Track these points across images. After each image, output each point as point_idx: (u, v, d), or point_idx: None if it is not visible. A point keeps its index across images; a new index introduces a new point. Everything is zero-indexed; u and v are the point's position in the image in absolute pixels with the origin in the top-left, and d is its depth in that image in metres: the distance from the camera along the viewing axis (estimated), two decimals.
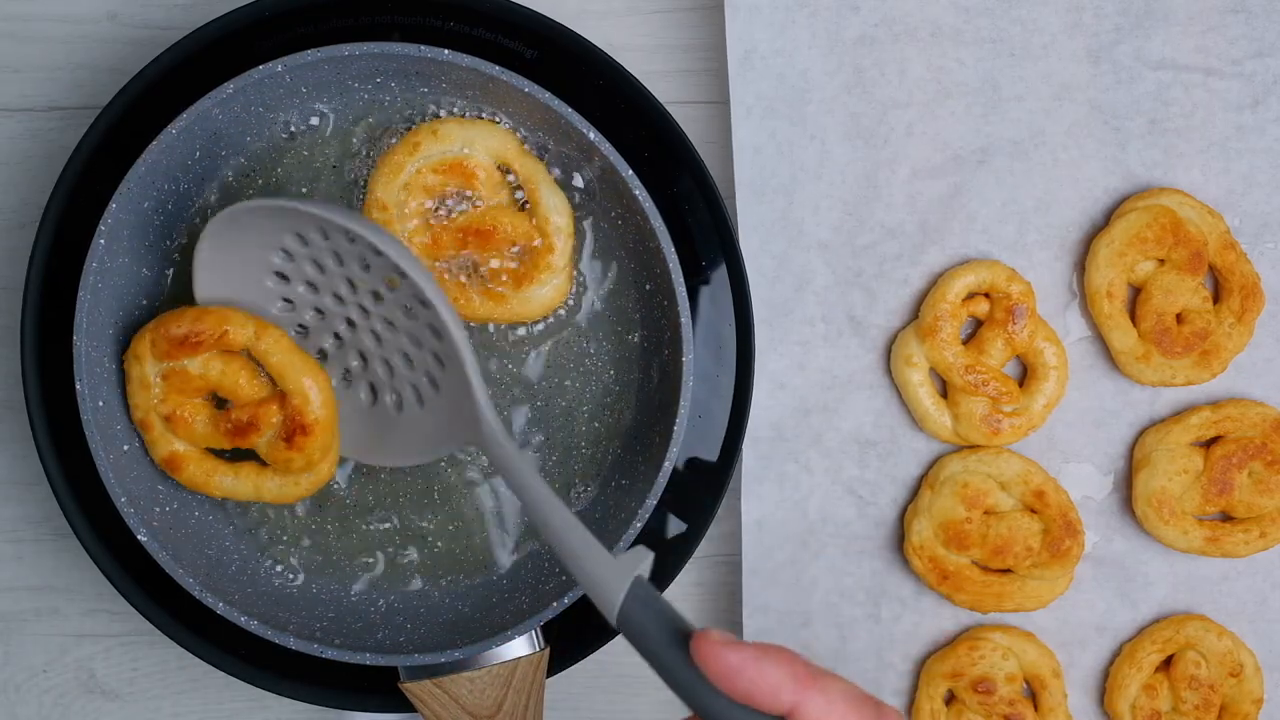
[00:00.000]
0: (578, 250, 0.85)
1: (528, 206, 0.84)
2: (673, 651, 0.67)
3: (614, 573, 0.69)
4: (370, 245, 0.78)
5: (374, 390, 0.83)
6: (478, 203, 0.83)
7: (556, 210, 0.83)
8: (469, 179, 0.83)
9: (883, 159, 0.88)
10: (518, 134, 0.84)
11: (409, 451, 0.82)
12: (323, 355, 0.83)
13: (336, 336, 0.83)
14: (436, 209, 0.84)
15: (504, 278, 0.84)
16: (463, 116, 0.84)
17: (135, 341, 0.80)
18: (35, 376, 0.84)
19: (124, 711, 0.92)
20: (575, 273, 0.85)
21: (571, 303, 0.85)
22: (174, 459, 0.82)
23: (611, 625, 0.68)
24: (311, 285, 0.82)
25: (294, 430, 0.80)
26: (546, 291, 0.84)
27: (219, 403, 0.82)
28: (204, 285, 0.81)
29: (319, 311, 0.82)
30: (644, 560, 0.69)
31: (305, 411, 0.80)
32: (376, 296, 0.81)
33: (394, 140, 0.84)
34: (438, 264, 0.83)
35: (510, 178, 0.84)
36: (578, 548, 0.70)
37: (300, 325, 0.83)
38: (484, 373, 0.85)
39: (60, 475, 0.84)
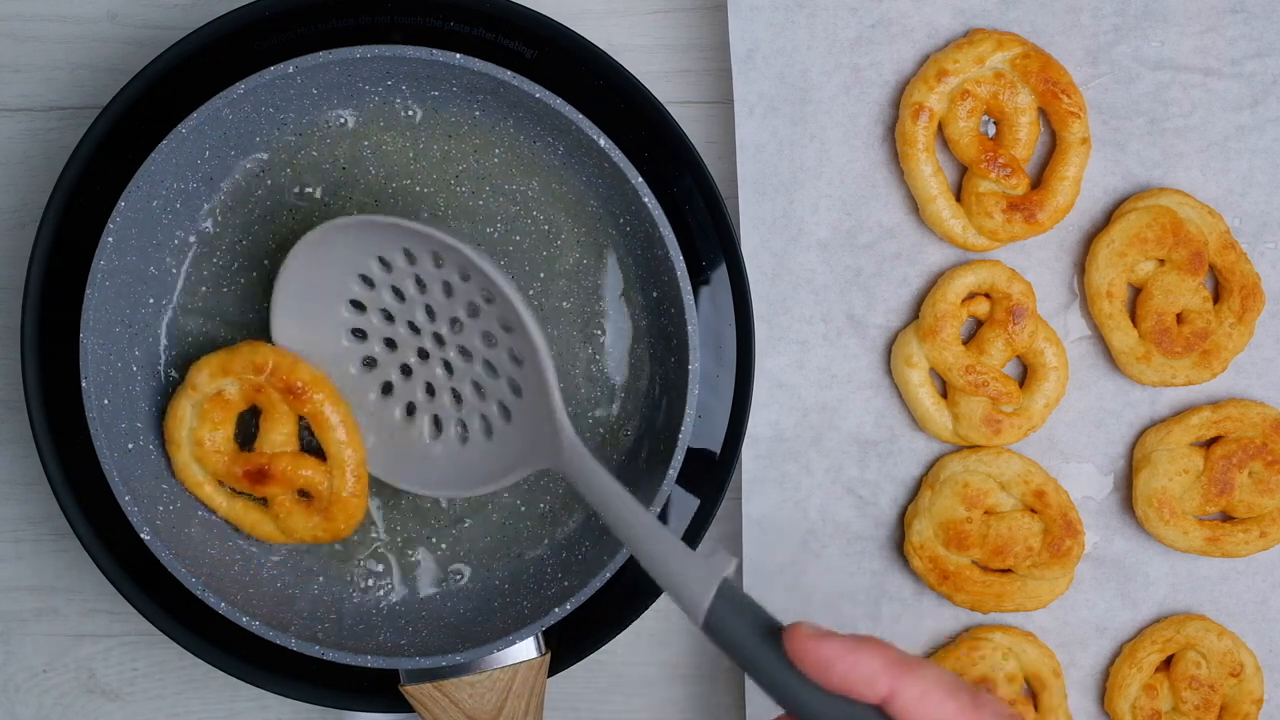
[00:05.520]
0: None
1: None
2: (764, 650, 0.67)
3: (701, 577, 0.69)
4: (460, 266, 0.77)
5: (438, 423, 0.82)
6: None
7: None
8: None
9: (881, 159, 0.88)
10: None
11: (473, 482, 0.81)
12: (388, 389, 0.83)
13: (404, 369, 0.82)
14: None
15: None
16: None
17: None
18: (36, 376, 0.84)
19: (124, 711, 0.92)
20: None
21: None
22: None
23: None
24: (387, 315, 0.81)
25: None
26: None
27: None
28: (281, 313, 0.81)
29: (389, 343, 0.82)
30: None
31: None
32: (455, 324, 0.80)
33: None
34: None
35: None
36: (664, 553, 0.71)
37: (368, 358, 0.82)
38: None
39: (60, 475, 0.84)
